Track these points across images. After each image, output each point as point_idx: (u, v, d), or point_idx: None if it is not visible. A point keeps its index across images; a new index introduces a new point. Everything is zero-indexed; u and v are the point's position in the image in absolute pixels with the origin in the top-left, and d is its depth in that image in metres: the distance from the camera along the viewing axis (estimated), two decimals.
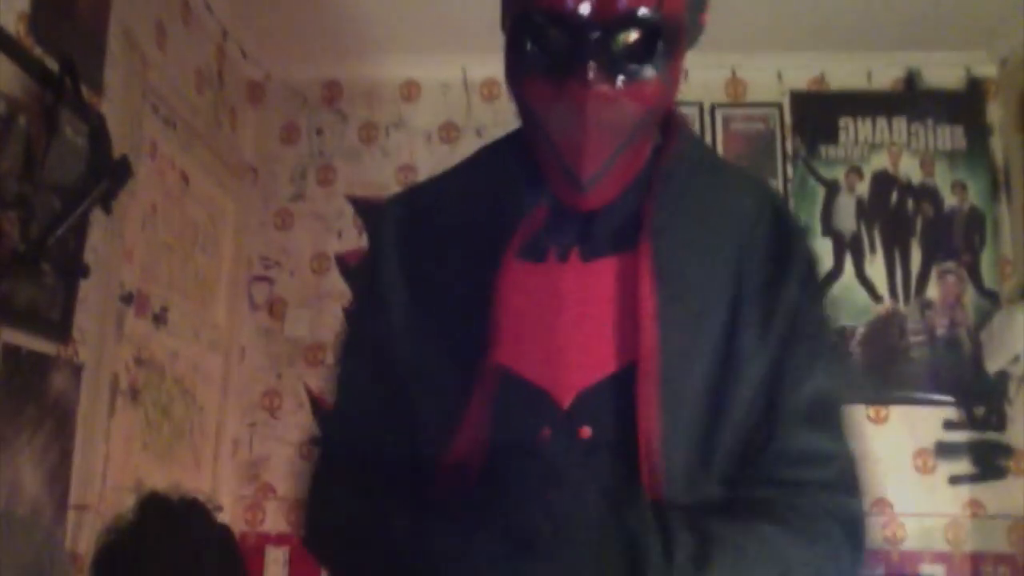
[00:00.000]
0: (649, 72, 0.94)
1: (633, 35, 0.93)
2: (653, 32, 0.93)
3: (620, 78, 0.93)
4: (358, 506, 1.06)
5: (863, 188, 3.62)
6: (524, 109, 1.00)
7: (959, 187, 3.58)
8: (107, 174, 2.39)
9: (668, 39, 0.94)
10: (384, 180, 3.70)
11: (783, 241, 1.05)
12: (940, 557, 3.32)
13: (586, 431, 0.98)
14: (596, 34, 0.91)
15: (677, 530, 0.90)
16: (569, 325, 1.00)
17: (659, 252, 1.00)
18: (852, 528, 1.01)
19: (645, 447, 0.95)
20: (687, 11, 0.97)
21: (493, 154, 1.15)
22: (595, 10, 0.91)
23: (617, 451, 0.97)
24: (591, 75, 0.91)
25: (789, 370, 1.02)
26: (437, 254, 1.08)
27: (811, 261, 1.08)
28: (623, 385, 0.97)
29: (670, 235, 1.02)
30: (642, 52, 0.93)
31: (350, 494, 1.08)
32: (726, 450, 0.99)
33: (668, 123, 1.08)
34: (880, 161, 3.63)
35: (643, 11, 0.91)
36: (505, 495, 0.93)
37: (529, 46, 0.96)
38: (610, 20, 0.91)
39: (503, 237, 1.03)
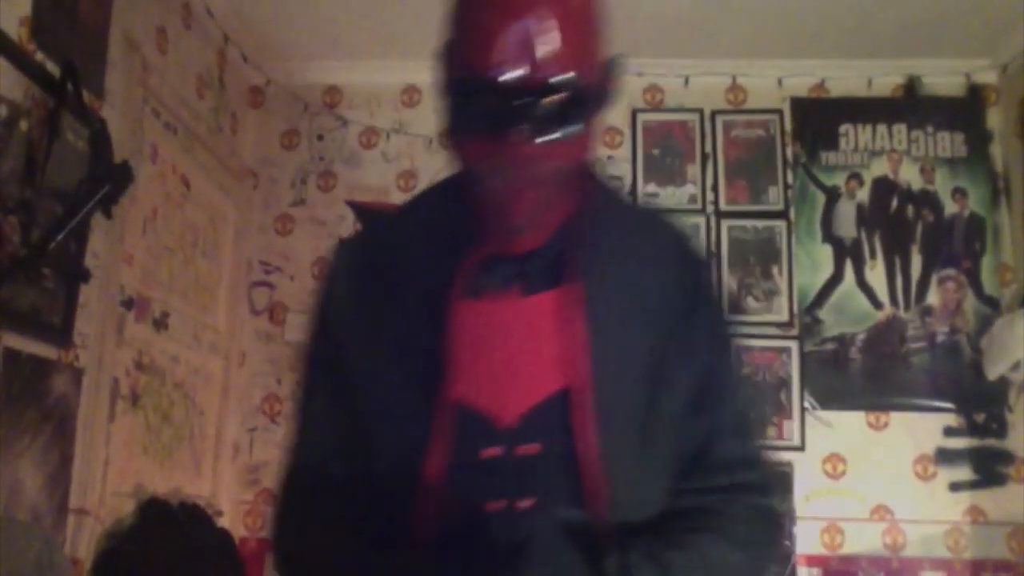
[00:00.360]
0: (570, 131, 1.06)
1: (556, 100, 1.04)
2: (573, 97, 1.04)
3: (545, 137, 1.04)
4: (325, 543, 1.17)
5: (863, 194, 3.62)
6: (461, 165, 1.12)
7: (959, 194, 3.58)
8: (108, 178, 2.40)
9: (586, 103, 1.07)
10: (385, 185, 3.71)
11: (695, 273, 1.22)
12: (940, 564, 3.32)
13: (532, 448, 1.09)
14: (524, 99, 1.02)
15: (638, 564, 1.05)
16: (511, 353, 1.11)
17: (588, 288, 1.12)
18: (772, 525, 1.23)
19: (584, 462, 1.08)
20: (601, 79, 1.10)
21: (433, 198, 1.27)
22: (523, 78, 1.02)
23: (563, 464, 1.08)
24: (520, 135, 1.03)
25: (715, 389, 1.18)
26: (386, 296, 1.17)
27: (719, 289, 1.25)
28: (563, 404, 1.09)
29: (597, 273, 1.14)
30: (564, 114, 1.05)
31: (316, 529, 1.18)
32: (664, 462, 1.14)
33: (589, 173, 1.21)
34: (880, 167, 3.63)
35: (564, 79, 1.03)
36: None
37: (464, 109, 1.08)
38: (536, 87, 1.02)
39: (446, 278, 1.13)
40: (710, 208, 3.64)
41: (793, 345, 3.51)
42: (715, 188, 3.66)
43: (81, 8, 2.44)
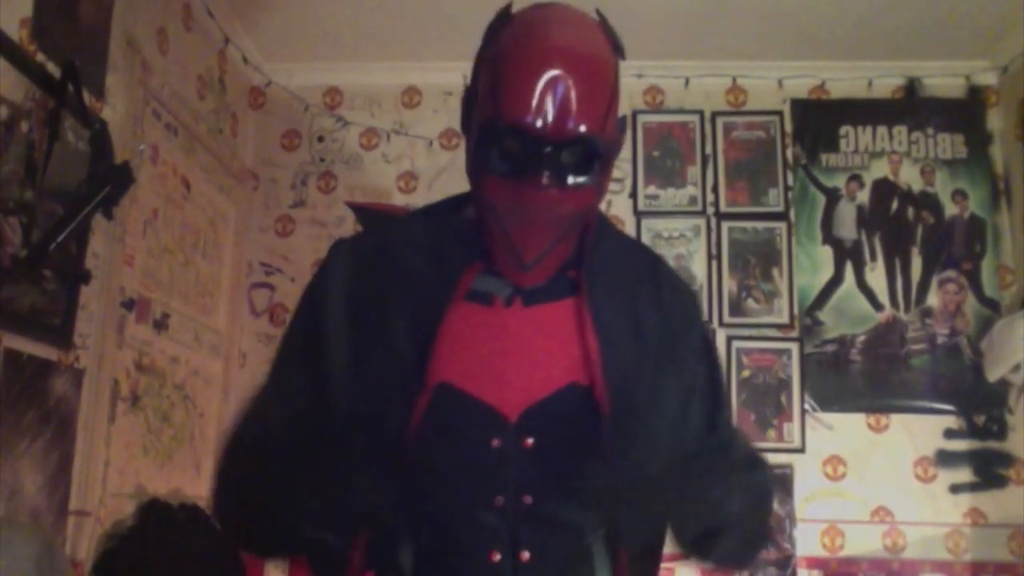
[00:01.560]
0: (587, 181, 1.17)
1: (576, 153, 1.15)
2: (591, 150, 1.15)
3: (565, 185, 1.15)
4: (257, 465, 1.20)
5: (864, 196, 3.62)
6: (482, 200, 1.20)
7: (959, 195, 3.58)
8: (109, 180, 2.40)
9: (603, 156, 1.17)
10: (385, 186, 3.71)
11: (684, 299, 1.35)
12: (941, 566, 3.32)
13: (530, 441, 1.17)
14: (548, 148, 1.13)
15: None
16: (514, 355, 1.20)
17: (592, 303, 1.22)
18: (768, 497, 1.38)
19: (596, 455, 1.14)
20: (615, 136, 1.20)
21: (437, 213, 1.35)
22: (550, 129, 1.12)
23: (557, 456, 1.16)
24: (543, 181, 1.13)
25: (714, 401, 1.29)
26: (381, 296, 1.24)
27: (701, 309, 1.39)
28: (563, 402, 1.18)
29: (597, 291, 1.24)
30: (583, 165, 1.16)
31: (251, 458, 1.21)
32: (664, 465, 1.20)
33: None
34: (881, 169, 3.63)
35: (587, 133, 1.13)
36: None
37: (492, 150, 1.16)
38: (561, 138, 1.13)
39: (446, 284, 1.21)
40: (710, 210, 3.64)
41: (793, 347, 3.51)
42: (715, 189, 3.66)
43: (82, 9, 2.44)
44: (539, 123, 1.11)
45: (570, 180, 1.15)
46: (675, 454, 1.21)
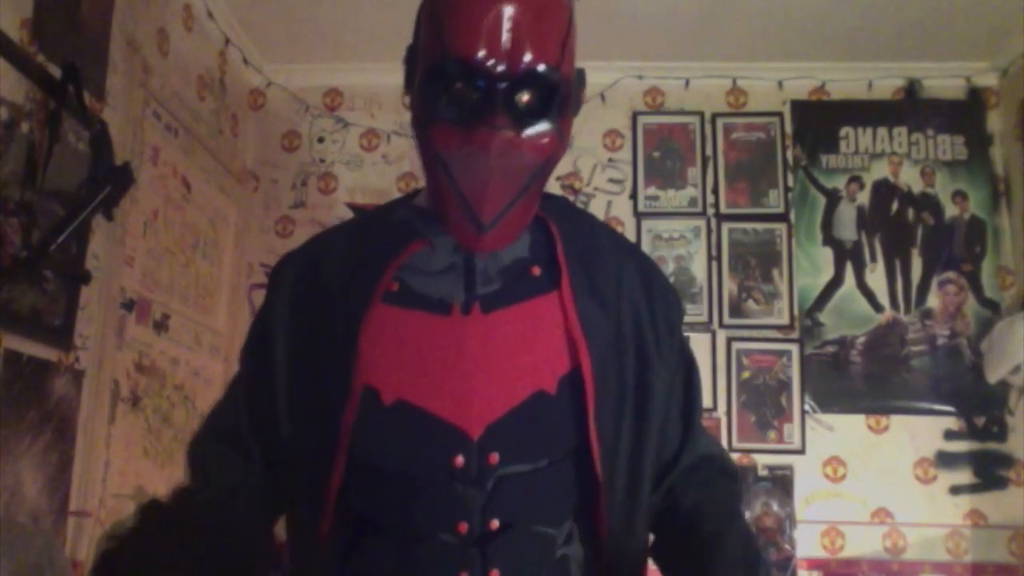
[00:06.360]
0: (546, 125, 1.07)
1: (533, 92, 1.06)
2: (550, 90, 1.06)
3: (523, 128, 1.05)
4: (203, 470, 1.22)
5: (864, 197, 3.62)
6: (431, 155, 1.10)
7: (960, 196, 3.58)
8: (109, 180, 2.39)
9: (562, 98, 1.08)
10: (385, 187, 3.71)
11: (654, 282, 1.24)
12: (941, 567, 3.32)
13: (495, 457, 1.08)
14: (503, 86, 1.03)
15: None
16: (474, 367, 1.10)
17: (577, 298, 1.14)
18: (741, 504, 1.27)
19: (589, 462, 1.09)
20: (574, 81, 1.12)
21: (385, 209, 1.29)
22: (503, 64, 1.03)
23: (522, 473, 1.09)
24: (498, 122, 1.03)
25: (688, 392, 1.24)
26: (322, 299, 1.18)
27: (677, 295, 1.29)
28: (526, 415, 1.09)
29: (577, 283, 1.15)
30: (541, 107, 1.06)
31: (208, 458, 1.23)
32: (650, 456, 1.16)
33: (557, 198, 1.26)
34: (881, 170, 3.63)
35: (543, 68, 1.04)
36: None
37: (441, 96, 1.06)
38: (515, 74, 1.04)
39: (369, 283, 1.13)
40: (711, 211, 3.64)
41: (793, 348, 3.50)
42: (716, 191, 3.66)
43: (82, 10, 2.44)
44: (490, 57, 1.02)
45: (527, 123, 1.06)
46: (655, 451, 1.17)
